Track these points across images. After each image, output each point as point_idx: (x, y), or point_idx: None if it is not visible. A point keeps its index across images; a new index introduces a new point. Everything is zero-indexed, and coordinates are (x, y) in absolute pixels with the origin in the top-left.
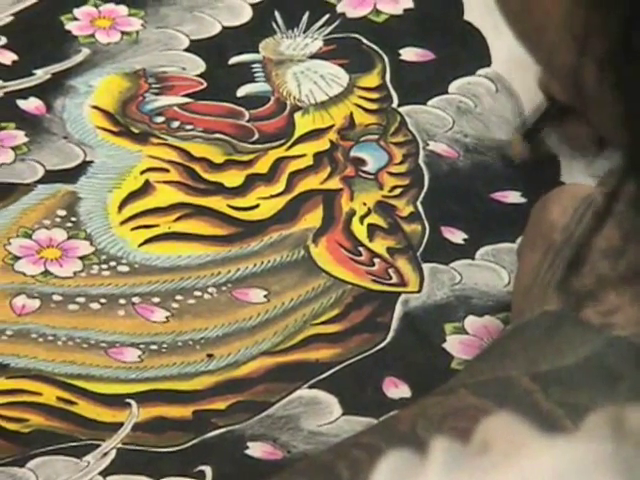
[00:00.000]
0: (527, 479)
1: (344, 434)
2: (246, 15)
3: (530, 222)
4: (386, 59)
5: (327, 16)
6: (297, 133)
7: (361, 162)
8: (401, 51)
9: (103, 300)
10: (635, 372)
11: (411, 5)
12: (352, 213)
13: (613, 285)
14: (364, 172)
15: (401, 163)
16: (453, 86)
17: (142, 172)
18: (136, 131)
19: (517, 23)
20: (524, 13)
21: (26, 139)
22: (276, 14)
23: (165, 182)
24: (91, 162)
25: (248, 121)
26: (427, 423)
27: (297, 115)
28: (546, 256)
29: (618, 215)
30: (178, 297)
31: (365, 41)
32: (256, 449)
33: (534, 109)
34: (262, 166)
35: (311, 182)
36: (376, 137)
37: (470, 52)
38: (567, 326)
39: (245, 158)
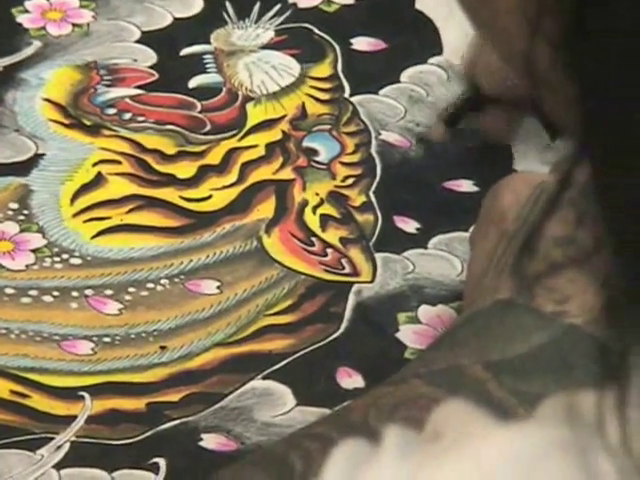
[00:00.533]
0: (480, 463)
1: (298, 425)
2: (197, 6)
3: (482, 210)
4: (338, 49)
5: (278, 6)
6: (249, 124)
7: (313, 152)
8: (352, 40)
9: (56, 293)
10: (587, 360)
11: None
12: (305, 203)
13: (565, 269)
14: (316, 162)
15: (353, 153)
16: (405, 75)
17: (94, 164)
18: (88, 123)
19: (473, 11)
20: (479, 1)
21: None
22: (227, 4)
23: (117, 174)
24: (43, 155)
25: (200, 112)
26: (379, 413)
27: (249, 106)
28: (499, 244)
29: (571, 203)
30: (131, 289)
31: (316, 31)
32: (210, 441)
33: (458, 96)
34: (214, 157)
35: (263, 172)
36: (328, 127)
37: (421, 41)
38: (520, 314)
39: (197, 149)
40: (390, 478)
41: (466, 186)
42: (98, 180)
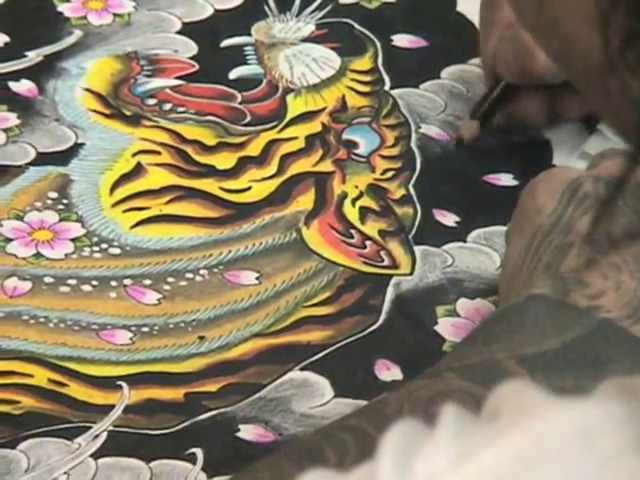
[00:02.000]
0: (538, 438)
1: (335, 416)
2: None
3: (518, 206)
4: (378, 44)
5: (319, 1)
6: (289, 115)
7: (353, 145)
8: (393, 37)
9: (95, 282)
10: (621, 354)
11: None
12: (344, 196)
13: (599, 265)
14: (356, 155)
15: (393, 146)
16: (445, 72)
17: (134, 154)
18: (128, 113)
19: (531, 18)
20: (539, 8)
21: (18, 121)
22: None
23: (157, 164)
24: (83, 144)
25: (240, 103)
26: (414, 406)
27: (289, 97)
28: (533, 240)
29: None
30: (170, 279)
31: (357, 26)
32: (247, 432)
33: (485, 92)
34: (254, 148)
35: (303, 165)
36: (368, 120)
37: (462, 42)
38: (553, 309)
39: (237, 140)
40: (446, 457)
41: (505, 180)
42: (138, 170)
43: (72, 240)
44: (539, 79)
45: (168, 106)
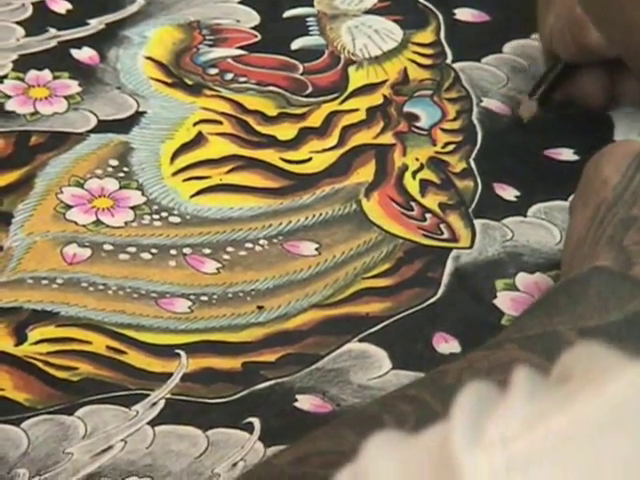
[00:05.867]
0: (611, 398)
1: (393, 388)
2: None
3: (583, 179)
4: (441, 17)
5: None
6: (351, 87)
7: (414, 118)
8: (456, 11)
9: (154, 250)
10: None
11: None
12: (404, 168)
13: None
14: (417, 128)
15: (454, 119)
16: (507, 47)
17: (195, 124)
18: (189, 83)
19: (597, 7)
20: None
21: (79, 89)
22: None
23: (218, 134)
24: (144, 113)
25: (302, 74)
26: (473, 376)
27: (351, 69)
28: (597, 213)
29: None
30: (229, 249)
31: (420, 0)
32: (305, 402)
33: (543, 72)
34: (315, 119)
35: (364, 137)
36: (430, 93)
37: (524, 17)
38: (616, 282)
39: (298, 111)
40: (520, 418)
41: (566, 154)
42: (198, 140)
43: (132, 208)
44: (594, 53)
45: (229, 76)
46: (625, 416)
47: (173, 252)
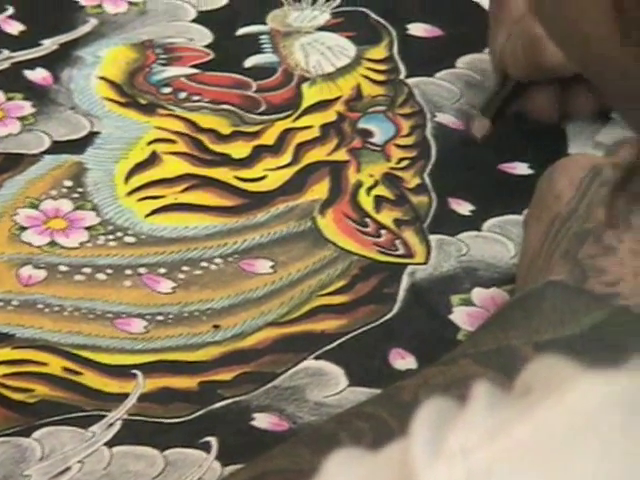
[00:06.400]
0: (572, 413)
1: (349, 405)
2: None
3: (536, 193)
4: (393, 33)
5: None
6: (304, 104)
7: (368, 134)
8: (409, 26)
9: (109, 271)
10: (639, 341)
11: None
12: (359, 185)
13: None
14: (371, 144)
15: (408, 135)
16: (461, 61)
17: (149, 143)
18: (143, 102)
19: (551, 22)
20: (558, 11)
21: (33, 110)
22: None
23: (172, 153)
24: (98, 133)
25: (255, 92)
26: (430, 393)
27: (304, 86)
28: (551, 227)
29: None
30: (185, 268)
31: (373, 15)
32: (262, 420)
33: (493, 89)
34: (269, 137)
35: (318, 154)
36: (383, 108)
37: (477, 31)
38: (571, 296)
39: (252, 129)
40: (480, 430)
41: (521, 169)
42: (153, 159)
43: (87, 229)
44: (549, 72)
45: (183, 95)
46: (582, 425)
47: (128, 272)
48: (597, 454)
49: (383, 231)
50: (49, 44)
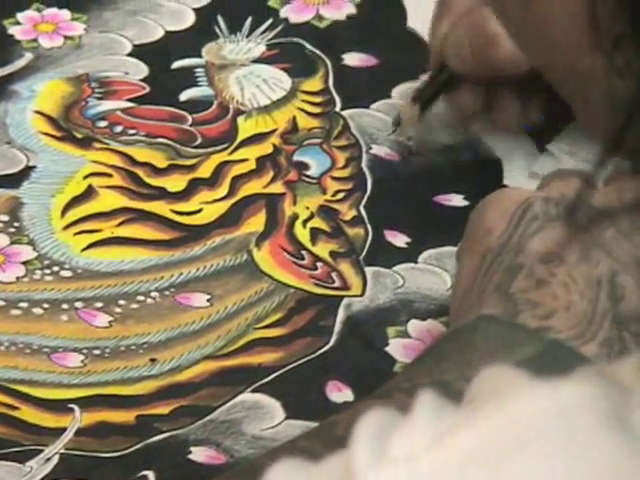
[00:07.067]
0: (514, 417)
1: (286, 438)
2: (189, 20)
3: (468, 227)
4: (329, 64)
5: (270, 21)
6: (240, 137)
7: (304, 166)
8: (344, 56)
9: (46, 305)
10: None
11: (354, 11)
12: (295, 217)
13: (549, 285)
14: (307, 176)
15: (344, 167)
16: (396, 91)
17: (85, 177)
18: (79, 136)
19: (515, 21)
20: (525, 12)
21: None
22: (219, 19)
23: (108, 187)
24: (34, 167)
25: (191, 125)
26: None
27: (240, 119)
28: (483, 261)
29: (555, 219)
30: (121, 302)
31: (308, 46)
32: (199, 454)
33: (428, 76)
34: (205, 170)
35: (254, 186)
36: (319, 141)
37: (413, 58)
38: (504, 329)
39: (188, 162)
40: (424, 438)
41: (456, 200)
42: (89, 193)
43: (23, 263)
44: (498, 70)
45: (119, 128)
46: (526, 433)
47: (65, 306)
48: (541, 461)
49: (319, 263)
50: None
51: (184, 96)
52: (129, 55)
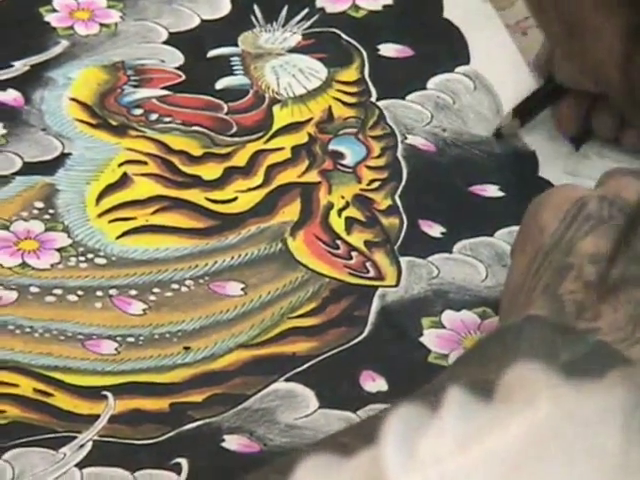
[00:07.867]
0: (543, 426)
1: (320, 427)
2: (225, 9)
3: (522, 224)
4: (364, 54)
5: (306, 10)
6: (275, 126)
7: (339, 155)
8: (380, 47)
9: (80, 292)
10: None
11: (390, 2)
12: (330, 206)
13: (600, 295)
14: (342, 165)
15: (379, 157)
16: (431, 82)
17: (120, 164)
18: (114, 123)
19: (563, 45)
20: (569, 37)
21: (4, 131)
22: (255, 8)
23: (143, 175)
24: (69, 154)
25: (226, 114)
26: None
27: (275, 108)
28: (534, 259)
29: (608, 222)
30: (155, 290)
31: (344, 36)
32: (232, 442)
33: (533, 89)
34: (240, 159)
35: (289, 175)
36: (354, 130)
37: (449, 50)
38: (550, 331)
39: (223, 151)
40: (452, 439)
41: (491, 191)
42: (124, 180)
43: (58, 250)
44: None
45: (154, 116)
46: (554, 437)
47: (99, 294)
48: (565, 466)
49: (354, 253)
50: (20, 65)
51: (220, 85)
52: (165, 43)
